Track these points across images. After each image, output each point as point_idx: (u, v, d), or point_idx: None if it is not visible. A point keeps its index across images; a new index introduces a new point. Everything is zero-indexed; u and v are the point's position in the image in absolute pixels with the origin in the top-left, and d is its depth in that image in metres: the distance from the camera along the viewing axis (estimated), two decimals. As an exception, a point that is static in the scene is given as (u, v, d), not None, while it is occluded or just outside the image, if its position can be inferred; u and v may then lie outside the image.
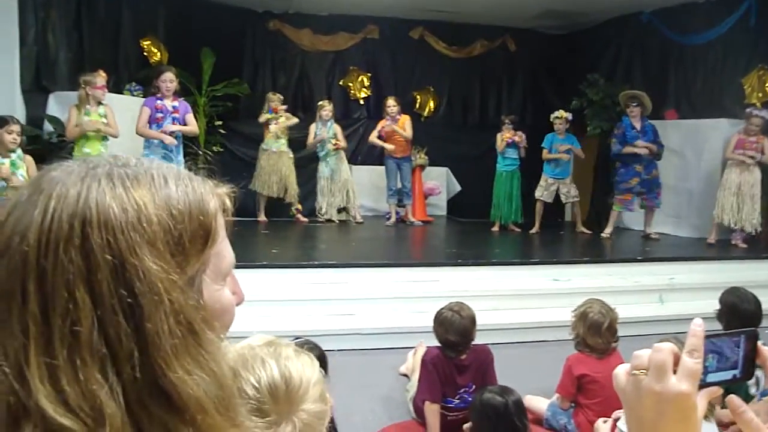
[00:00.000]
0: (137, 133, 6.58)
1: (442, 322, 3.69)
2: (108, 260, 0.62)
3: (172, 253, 0.66)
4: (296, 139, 8.96)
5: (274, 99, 8.80)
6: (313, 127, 8.88)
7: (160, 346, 0.62)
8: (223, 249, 0.74)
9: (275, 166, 8.67)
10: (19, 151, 5.46)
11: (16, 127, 5.41)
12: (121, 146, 6.52)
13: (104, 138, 6.31)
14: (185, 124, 6.80)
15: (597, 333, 3.68)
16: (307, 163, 9.13)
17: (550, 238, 8.53)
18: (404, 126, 8.89)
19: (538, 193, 8.76)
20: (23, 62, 6.92)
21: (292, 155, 8.80)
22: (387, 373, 4.83)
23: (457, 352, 3.69)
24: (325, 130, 8.84)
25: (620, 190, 8.36)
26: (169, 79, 6.70)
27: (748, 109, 7.83)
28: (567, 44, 11.27)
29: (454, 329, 3.64)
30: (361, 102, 11.00)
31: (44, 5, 7.30)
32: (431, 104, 11.33)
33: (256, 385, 1.21)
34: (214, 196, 0.73)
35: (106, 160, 0.70)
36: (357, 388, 4.45)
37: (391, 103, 8.95)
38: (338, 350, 4.90)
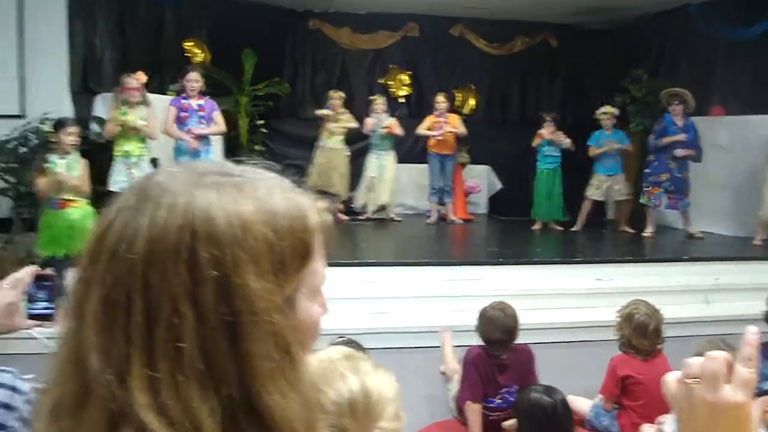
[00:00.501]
0: (164, 132, 6.65)
1: (487, 321, 3.68)
2: (213, 276, 0.62)
3: (273, 272, 0.65)
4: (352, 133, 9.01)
5: (335, 97, 8.81)
6: (369, 120, 8.89)
7: (258, 368, 0.62)
8: (318, 266, 0.74)
9: (332, 162, 8.72)
10: (76, 152, 5.54)
11: (74, 129, 5.50)
12: (161, 146, 6.64)
13: (143, 138, 6.40)
14: (212, 123, 6.86)
15: (643, 335, 3.64)
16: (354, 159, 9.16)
17: (592, 237, 8.43)
18: (456, 125, 8.87)
19: (589, 192, 8.64)
20: (72, 65, 7.09)
21: (348, 153, 8.84)
22: (428, 371, 4.83)
23: (500, 350, 3.68)
24: (381, 123, 8.85)
25: (649, 183, 8.22)
26: (194, 79, 6.76)
27: None
28: (609, 40, 11.12)
29: (499, 327, 3.63)
30: (402, 100, 11.00)
31: (90, 10, 7.48)
32: (472, 102, 11.28)
33: (336, 400, 1.20)
34: (315, 211, 0.73)
35: (212, 168, 0.70)
36: (398, 387, 4.45)
37: (441, 99, 8.93)
38: (379, 348, 4.92)
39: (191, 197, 0.65)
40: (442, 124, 8.82)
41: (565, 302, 5.94)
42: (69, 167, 5.41)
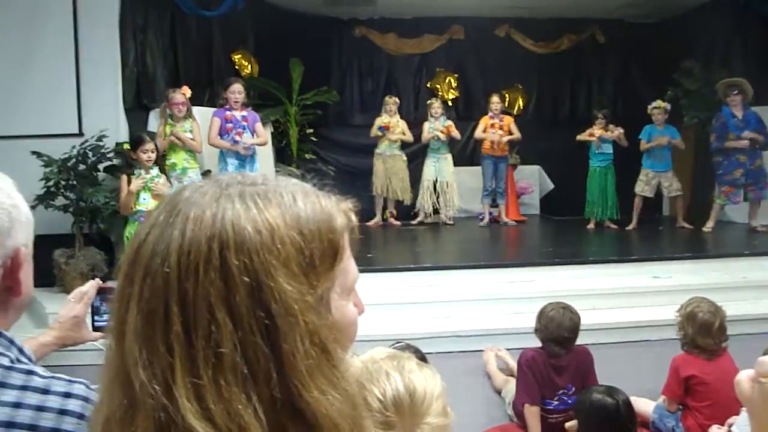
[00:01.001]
0: (209, 143, 6.80)
1: (550, 320, 3.64)
2: (245, 282, 0.64)
3: (304, 273, 0.68)
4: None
5: (390, 102, 8.86)
6: (426, 125, 8.91)
7: (297, 367, 0.64)
8: (349, 265, 0.76)
9: (392, 169, 8.76)
10: (156, 170, 5.77)
11: (150, 146, 5.71)
12: (212, 158, 6.77)
13: (189, 150, 6.54)
14: (255, 135, 6.98)
15: (707, 333, 3.55)
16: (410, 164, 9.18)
17: (648, 235, 8.27)
18: (510, 129, 8.85)
19: (638, 188, 8.49)
20: (125, 83, 7.25)
21: (405, 158, 8.88)
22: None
23: (562, 350, 3.63)
24: (439, 125, 8.85)
25: (724, 183, 8.01)
26: (237, 91, 6.88)
27: None
28: (658, 32, 10.89)
29: (565, 326, 3.59)
30: (450, 103, 10.98)
31: (142, 28, 7.65)
32: (520, 102, 11.20)
33: (381, 398, 1.22)
34: (341, 212, 0.76)
35: (235, 179, 0.72)
36: (456, 391, 4.43)
37: (495, 100, 8.91)
38: (436, 353, 4.92)
39: (218, 209, 0.67)
40: (498, 125, 8.79)
41: (623, 301, 5.83)
42: (145, 189, 5.69)
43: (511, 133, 8.86)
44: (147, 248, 0.67)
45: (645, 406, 3.86)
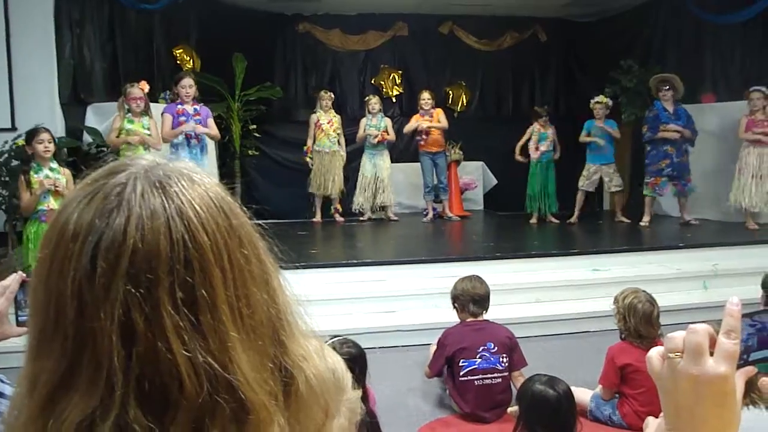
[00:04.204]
0: (163, 140, 6.66)
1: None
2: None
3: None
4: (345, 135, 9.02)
5: (325, 97, 8.81)
6: (363, 121, 8.90)
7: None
8: None
9: (329, 165, 8.72)
10: (55, 163, 5.46)
11: (45, 136, 5.37)
12: (154, 154, 6.62)
13: (146, 148, 6.38)
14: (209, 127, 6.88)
15: (649, 322, 3.64)
16: (348, 161, 9.16)
17: (588, 228, 8.44)
18: (439, 119, 8.86)
19: (580, 183, 8.66)
20: (61, 76, 7.07)
21: (344, 154, 8.84)
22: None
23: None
24: (376, 122, 8.85)
25: (650, 173, 8.22)
26: (188, 85, 6.78)
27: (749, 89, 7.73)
28: (598, 31, 11.14)
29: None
30: (394, 100, 11.02)
31: (79, 20, 7.46)
32: (464, 99, 11.30)
33: None
34: None
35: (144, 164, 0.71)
36: (399, 385, 4.46)
37: (426, 96, 8.92)
38: (380, 348, 4.93)
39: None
40: (428, 120, 8.82)
41: (564, 294, 5.94)
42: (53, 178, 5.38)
43: (439, 122, 8.89)
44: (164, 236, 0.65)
45: (583, 395, 3.93)
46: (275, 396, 0.67)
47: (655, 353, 0.79)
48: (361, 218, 8.98)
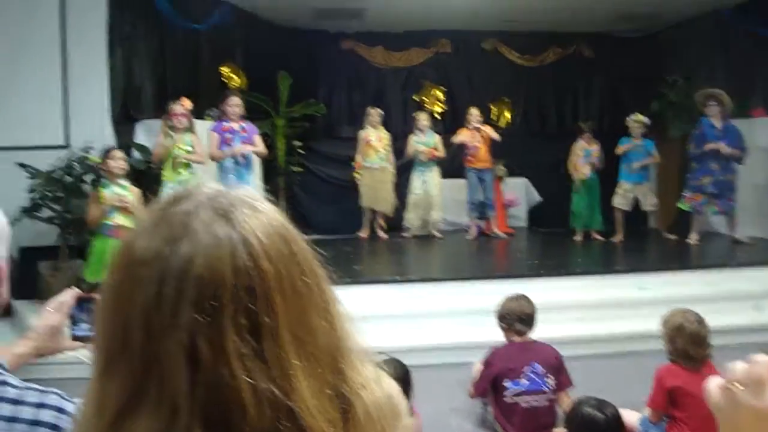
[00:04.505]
0: (211, 158, 6.77)
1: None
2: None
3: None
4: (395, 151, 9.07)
5: (374, 113, 8.87)
6: (411, 138, 8.93)
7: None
8: None
9: (379, 181, 8.76)
10: (125, 180, 5.65)
11: (119, 154, 5.62)
12: (204, 171, 6.74)
13: (188, 164, 6.49)
14: (255, 144, 6.97)
15: (698, 343, 3.56)
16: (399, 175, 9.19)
17: (634, 246, 8.32)
18: (489, 134, 8.85)
19: (615, 201, 8.56)
20: (112, 94, 7.24)
21: (393, 170, 8.87)
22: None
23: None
24: (425, 138, 8.87)
25: (690, 188, 8.05)
26: (235, 104, 6.89)
27: None
28: (644, 47, 11.00)
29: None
30: (437, 116, 11.03)
31: (130, 40, 7.65)
32: (507, 115, 11.25)
33: None
34: None
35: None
36: (442, 405, 4.44)
37: (474, 112, 8.93)
38: (423, 365, 4.91)
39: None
40: (479, 137, 8.82)
41: (609, 313, 5.86)
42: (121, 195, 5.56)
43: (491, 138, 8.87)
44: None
45: (631, 417, 3.86)
46: (335, 423, 0.68)
47: (714, 384, 0.77)
48: (406, 234, 8.98)
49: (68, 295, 1.62)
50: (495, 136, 8.82)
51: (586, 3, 9.26)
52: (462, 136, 8.89)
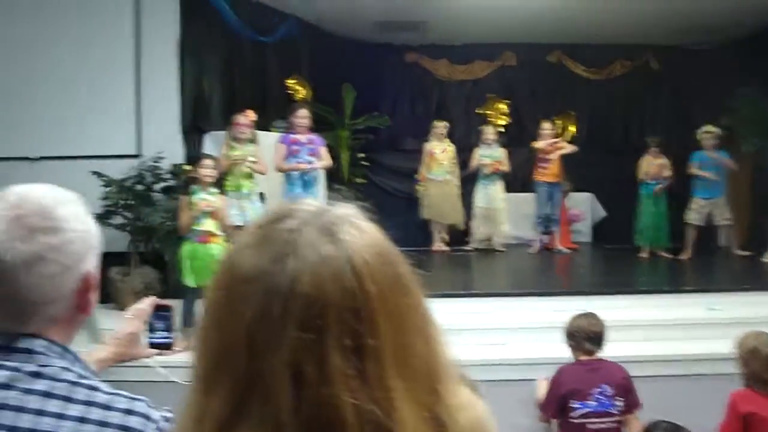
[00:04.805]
0: (277, 169, 6.87)
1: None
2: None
3: None
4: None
5: (440, 126, 8.87)
6: (477, 151, 8.92)
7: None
8: None
9: (443, 194, 8.76)
10: (214, 188, 5.79)
11: (209, 162, 5.76)
12: (269, 181, 6.85)
13: (250, 174, 6.60)
14: (321, 157, 7.04)
15: (775, 368, 3.43)
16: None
17: (703, 264, 8.09)
18: (564, 147, 8.77)
19: (688, 217, 8.33)
20: (182, 106, 7.43)
21: (458, 183, 8.86)
22: (537, 404, 4.73)
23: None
24: (490, 152, 8.85)
25: None
26: (303, 116, 6.98)
27: None
28: (714, 59, 10.70)
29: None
30: (501, 130, 10.95)
31: (200, 53, 7.85)
32: (572, 128, 11.10)
33: None
34: None
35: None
36: (508, 420, 4.39)
37: (547, 126, 8.88)
38: (487, 380, 4.86)
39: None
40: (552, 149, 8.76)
41: (676, 333, 5.72)
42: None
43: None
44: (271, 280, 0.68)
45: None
46: None
47: None
48: (468, 248, 8.94)
49: (146, 303, 1.67)
50: (571, 148, 8.74)
51: (657, 15, 9.08)
52: (541, 144, 8.82)
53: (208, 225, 5.58)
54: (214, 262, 5.53)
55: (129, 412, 1.11)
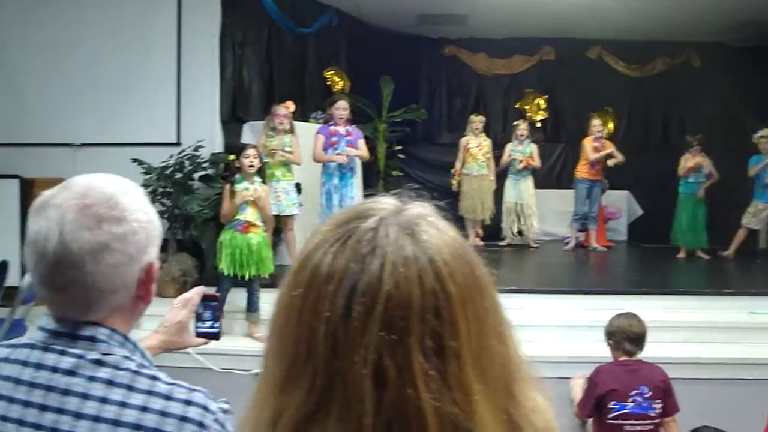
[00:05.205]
0: (315, 160, 6.88)
1: None
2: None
3: None
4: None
5: (476, 121, 8.86)
6: (508, 146, 8.89)
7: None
8: None
9: (477, 189, 8.75)
10: (258, 177, 5.75)
11: (252, 152, 5.73)
12: (305, 171, 6.88)
13: (286, 164, 6.63)
14: (359, 149, 7.02)
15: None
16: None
17: (744, 267, 7.95)
18: (611, 150, 8.74)
19: (745, 220, 8.15)
20: (222, 96, 7.50)
21: (493, 178, 8.84)
22: (570, 402, 4.70)
23: None
24: (522, 147, 8.82)
25: None
26: (342, 107, 6.96)
27: None
28: (758, 56, 10.48)
29: None
30: (538, 125, 10.87)
31: (241, 44, 7.90)
32: (610, 125, 10.95)
33: None
34: None
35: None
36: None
37: (597, 123, 8.79)
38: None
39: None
40: (600, 148, 8.67)
41: (714, 336, 5.63)
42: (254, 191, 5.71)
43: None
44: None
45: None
46: None
47: None
48: (501, 243, 8.90)
49: (194, 293, 1.69)
50: (620, 158, 8.65)
51: (700, 10, 8.92)
52: (588, 147, 8.73)
53: (250, 214, 5.61)
54: (250, 253, 5.57)
55: (188, 402, 1.12)
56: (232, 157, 6.32)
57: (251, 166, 5.65)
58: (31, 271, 1.18)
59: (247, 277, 5.57)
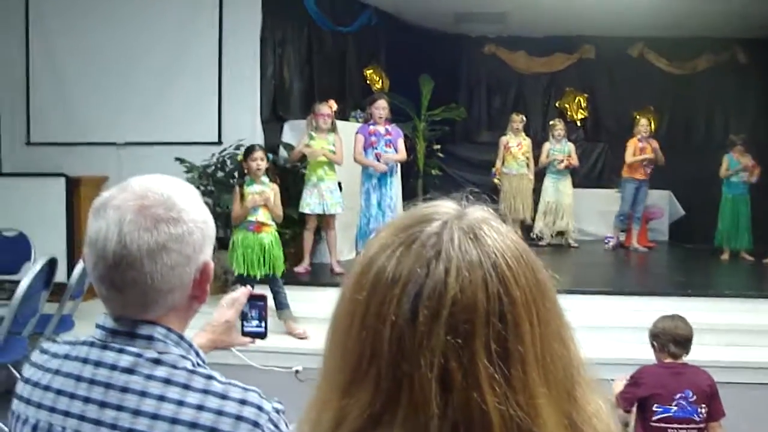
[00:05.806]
0: (355, 160, 6.89)
1: None
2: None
3: None
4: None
5: (516, 120, 8.81)
6: (546, 146, 8.84)
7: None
8: None
9: (517, 188, 8.72)
10: (266, 178, 5.71)
11: (259, 154, 5.66)
12: (344, 171, 6.91)
13: (330, 164, 6.64)
14: (397, 149, 7.01)
15: None
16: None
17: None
18: (656, 147, 8.62)
19: None
20: (263, 95, 7.56)
21: (532, 177, 8.80)
22: (614, 404, 4.65)
23: None
24: (560, 147, 8.75)
25: None
26: (382, 107, 6.95)
27: None
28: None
29: None
30: (579, 124, 10.76)
31: (281, 43, 7.96)
32: (652, 124, 10.80)
33: None
34: None
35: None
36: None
37: (644, 122, 8.71)
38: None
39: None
40: (646, 149, 8.56)
41: (761, 340, 5.51)
42: (262, 192, 5.68)
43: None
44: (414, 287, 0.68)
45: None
46: None
47: None
48: (540, 243, 8.84)
49: (241, 293, 1.72)
50: (661, 161, 8.55)
51: (746, 6, 8.73)
52: (631, 152, 8.63)
53: (261, 215, 5.61)
54: (262, 252, 5.57)
55: (243, 402, 1.14)
56: (240, 157, 6.25)
57: (258, 168, 5.62)
58: (90, 271, 1.21)
59: (258, 277, 5.49)
